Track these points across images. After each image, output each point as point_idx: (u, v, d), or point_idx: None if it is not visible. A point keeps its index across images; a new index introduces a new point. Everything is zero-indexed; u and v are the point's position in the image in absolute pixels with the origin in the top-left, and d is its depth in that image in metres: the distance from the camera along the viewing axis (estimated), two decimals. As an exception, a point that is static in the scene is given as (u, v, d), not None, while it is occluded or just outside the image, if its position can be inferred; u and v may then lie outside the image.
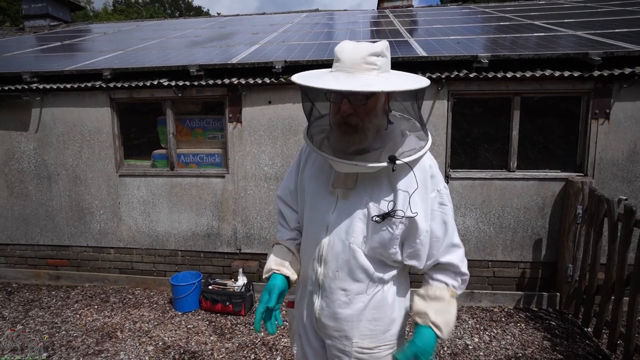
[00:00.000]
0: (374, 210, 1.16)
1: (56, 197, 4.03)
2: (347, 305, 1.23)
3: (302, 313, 1.35)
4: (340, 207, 1.20)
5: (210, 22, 7.73)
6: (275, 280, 1.26)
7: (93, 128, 3.88)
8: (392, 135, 1.18)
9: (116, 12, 23.60)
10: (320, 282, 1.25)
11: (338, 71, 1.09)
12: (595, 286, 2.99)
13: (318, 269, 1.25)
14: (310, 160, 1.32)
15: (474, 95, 3.45)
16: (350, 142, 1.13)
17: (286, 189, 1.40)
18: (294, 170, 1.39)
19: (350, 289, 1.22)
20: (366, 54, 1.06)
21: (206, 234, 3.89)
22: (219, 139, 3.88)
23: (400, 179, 1.17)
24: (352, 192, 1.19)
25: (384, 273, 1.23)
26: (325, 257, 1.22)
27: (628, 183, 3.29)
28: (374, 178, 1.18)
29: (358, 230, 1.18)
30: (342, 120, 1.12)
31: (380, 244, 1.18)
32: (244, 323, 3.28)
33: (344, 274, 1.21)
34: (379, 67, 1.07)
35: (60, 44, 5.75)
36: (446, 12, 6.93)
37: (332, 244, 1.21)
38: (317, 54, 3.91)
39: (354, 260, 1.20)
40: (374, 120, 1.13)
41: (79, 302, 3.70)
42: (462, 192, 3.47)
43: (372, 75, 1.06)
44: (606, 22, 4.66)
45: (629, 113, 3.23)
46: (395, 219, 1.15)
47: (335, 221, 1.20)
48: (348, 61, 1.07)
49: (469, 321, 3.24)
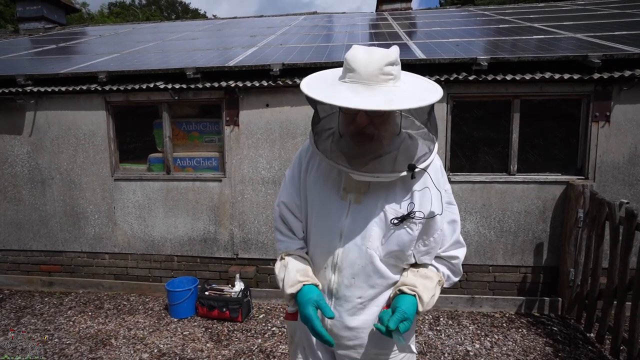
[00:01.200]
0: (391, 213, 1.14)
1: (50, 201, 3.96)
2: (362, 311, 1.20)
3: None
4: (354, 212, 1.17)
5: (207, 24, 7.70)
6: (312, 291, 1.16)
7: (88, 131, 3.82)
8: (402, 137, 1.17)
9: (112, 14, 23.54)
10: (334, 292, 1.20)
11: (353, 82, 1.03)
12: (598, 291, 2.95)
13: (332, 278, 1.20)
14: (313, 165, 1.26)
15: (473, 98, 3.42)
16: (367, 151, 1.11)
17: (290, 196, 1.31)
18: (296, 177, 1.31)
19: (366, 295, 1.19)
20: (382, 64, 1.02)
21: (203, 239, 3.83)
22: (216, 142, 3.83)
23: (415, 180, 1.17)
24: (365, 197, 1.16)
25: (396, 276, 1.22)
26: (340, 265, 1.18)
27: (629, 186, 3.27)
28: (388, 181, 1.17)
29: (375, 234, 1.15)
30: (357, 130, 1.10)
31: (399, 246, 1.16)
32: (241, 329, 3.22)
33: (361, 280, 1.18)
34: (395, 76, 1.05)
35: (56, 47, 5.69)
36: (445, 15, 6.93)
37: (348, 251, 1.17)
38: (315, 56, 3.87)
39: (371, 265, 1.17)
40: (389, 128, 1.12)
41: (72, 308, 3.63)
42: (462, 195, 3.44)
43: (389, 86, 1.03)
44: (605, 25, 4.66)
45: (630, 116, 3.20)
46: (415, 219, 1.14)
47: (349, 227, 1.17)
48: (364, 72, 1.02)
49: (470, 327, 3.19)
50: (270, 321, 3.34)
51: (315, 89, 1.07)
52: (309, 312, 1.12)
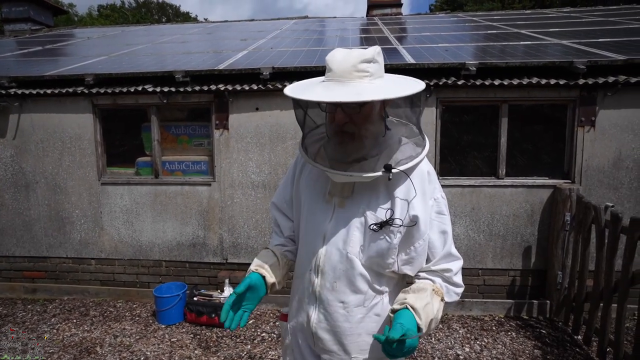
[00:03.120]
0: (372, 219, 1.13)
1: (34, 206, 3.87)
2: (346, 318, 1.19)
3: (296, 327, 1.31)
4: (337, 216, 1.18)
5: (197, 28, 7.66)
6: (250, 275, 1.21)
7: (74, 135, 3.76)
8: (389, 142, 1.16)
9: (101, 16, 23.28)
10: (317, 294, 1.21)
11: (329, 81, 1.07)
12: (584, 293, 2.99)
13: (315, 280, 1.21)
14: (305, 170, 1.30)
15: (462, 102, 3.45)
16: (348, 151, 1.11)
17: (281, 196, 1.38)
18: (290, 179, 1.37)
19: (348, 300, 1.18)
20: (357, 62, 1.04)
21: (191, 244, 3.78)
22: (205, 146, 3.80)
23: (398, 186, 1.15)
24: (348, 201, 1.17)
25: (382, 284, 1.21)
26: (323, 268, 1.19)
27: (614, 190, 3.32)
28: (372, 186, 1.16)
29: (355, 239, 1.15)
30: (338, 129, 1.10)
31: (377, 254, 1.15)
32: (230, 335, 3.18)
33: (343, 285, 1.18)
34: (370, 73, 1.06)
35: (42, 49, 5.60)
36: (435, 20, 7.01)
37: (329, 254, 1.18)
38: (305, 60, 3.87)
39: (352, 270, 1.16)
40: (370, 127, 1.11)
41: (56, 316, 3.54)
42: (451, 199, 3.46)
43: (364, 83, 1.04)
44: (590, 32, 4.76)
45: (614, 121, 3.27)
46: (393, 227, 1.12)
47: (332, 230, 1.18)
48: (339, 70, 1.05)
49: (460, 330, 3.20)
50: (260, 327, 3.30)
51: (293, 89, 1.12)
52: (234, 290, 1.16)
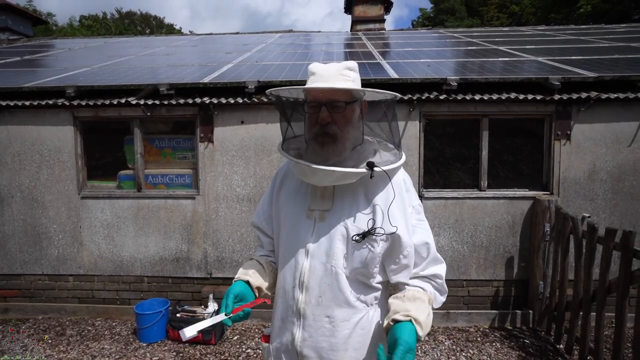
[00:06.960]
0: (353, 230, 1.14)
1: (9, 221, 3.73)
2: (332, 333, 1.17)
3: (280, 347, 1.26)
4: (319, 230, 1.18)
5: (182, 40, 7.65)
6: (234, 285, 1.21)
7: (54, 147, 3.66)
8: (365, 154, 1.20)
9: (83, 27, 22.97)
10: (301, 311, 1.19)
11: (315, 82, 1.15)
12: (565, 302, 3.06)
13: (299, 297, 1.19)
14: (286, 183, 1.30)
15: (444, 116, 3.54)
16: (329, 153, 1.13)
17: (260, 215, 1.39)
18: (268, 196, 1.37)
19: (334, 315, 1.17)
20: (341, 68, 1.16)
21: (175, 258, 3.70)
22: (190, 159, 3.76)
23: (377, 193, 1.17)
24: (329, 214, 1.18)
25: (368, 295, 1.20)
26: (307, 283, 1.17)
27: (590, 201, 3.44)
28: (351, 196, 1.18)
29: (338, 251, 1.15)
30: (320, 130, 1.13)
31: (361, 264, 1.16)
32: (214, 352, 3.10)
33: (328, 299, 1.17)
34: (352, 79, 1.16)
35: (20, 59, 5.47)
36: (417, 36, 7.20)
37: (314, 269, 1.17)
38: (291, 74, 3.91)
39: (337, 283, 1.16)
40: (351, 130, 1.16)
41: (30, 336, 3.39)
42: (435, 211, 3.51)
43: (348, 83, 1.15)
44: (563, 50, 4.97)
45: (587, 134, 3.40)
46: (376, 236, 1.13)
47: (314, 245, 1.18)
48: (325, 73, 1.15)
49: (446, 342, 3.21)
50: (245, 343, 3.23)
51: (278, 89, 1.20)
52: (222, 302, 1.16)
